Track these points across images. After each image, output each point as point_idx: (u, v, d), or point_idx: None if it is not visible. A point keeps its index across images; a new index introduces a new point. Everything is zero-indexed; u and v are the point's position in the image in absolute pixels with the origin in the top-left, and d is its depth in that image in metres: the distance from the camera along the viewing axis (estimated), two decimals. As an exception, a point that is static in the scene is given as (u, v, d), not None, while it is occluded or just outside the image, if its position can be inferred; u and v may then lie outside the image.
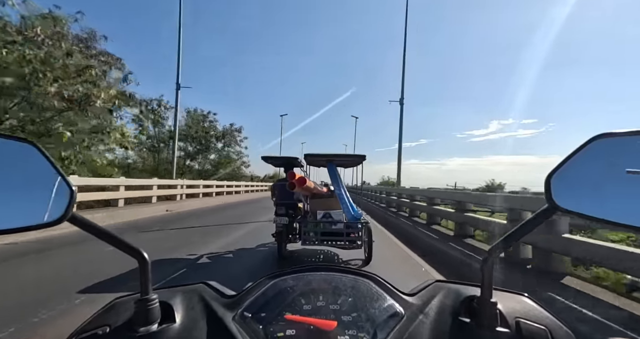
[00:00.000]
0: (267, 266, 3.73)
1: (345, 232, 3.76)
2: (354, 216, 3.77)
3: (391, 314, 0.47)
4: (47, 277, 3.11)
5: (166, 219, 7.64)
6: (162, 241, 5.07)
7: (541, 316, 0.45)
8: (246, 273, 3.29)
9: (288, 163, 4.33)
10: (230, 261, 3.92)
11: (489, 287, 0.43)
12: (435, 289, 0.52)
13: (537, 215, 0.40)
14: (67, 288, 2.66)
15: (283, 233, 3.75)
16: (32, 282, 2.93)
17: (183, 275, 3.12)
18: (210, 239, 5.07)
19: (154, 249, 4.21)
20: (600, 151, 0.36)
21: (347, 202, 3.80)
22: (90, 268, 3.40)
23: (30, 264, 3.61)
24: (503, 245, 0.43)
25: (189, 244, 4.56)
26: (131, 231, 5.71)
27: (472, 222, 4.73)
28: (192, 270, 3.39)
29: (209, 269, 3.52)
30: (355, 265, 3.81)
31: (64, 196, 0.36)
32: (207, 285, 0.53)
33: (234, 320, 0.45)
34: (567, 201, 0.37)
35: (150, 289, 0.43)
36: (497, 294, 0.45)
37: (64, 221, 0.35)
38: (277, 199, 4.08)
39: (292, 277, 0.54)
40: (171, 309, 0.45)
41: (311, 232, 3.78)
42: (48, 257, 3.88)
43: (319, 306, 0.48)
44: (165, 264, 3.48)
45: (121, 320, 0.43)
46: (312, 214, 4.05)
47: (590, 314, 2.06)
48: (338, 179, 4.00)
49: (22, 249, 4.14)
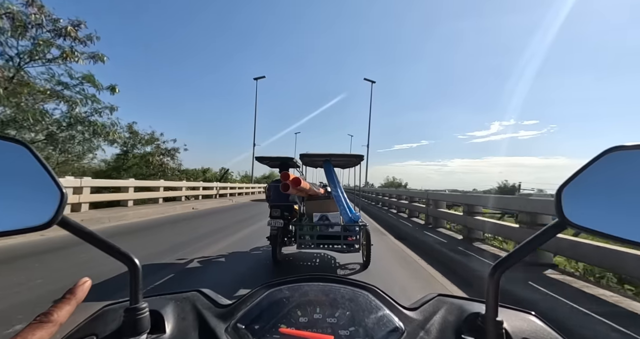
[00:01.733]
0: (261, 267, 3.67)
1: (342, 236, 3.61)
2: (352, 218, 3.61)
3: (391, 329, 0.45)
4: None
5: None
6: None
7: (550, 337, 0.43)
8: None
9: (284, 163, 4.16)
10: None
11: (495, 304, 0.41)
12: (437, 303, 0.50)
13: (547, 230, 0.38)
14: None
15: (278, 236, 3.61)
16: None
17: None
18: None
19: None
20: (614, 165, 0.35)
21: (345, 204, 3.66)
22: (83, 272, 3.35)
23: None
24: (511, 260, 0.41)
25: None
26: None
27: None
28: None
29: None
30: (352, 270, 3.66)
31: (54, 199, 0.34)
32: (200, 293, 0.51)
33: (227, 332, 0.43)
34: (579, 216, 0.36)
35: (141, 297, 0.42)
36: (503, 311, 0.43)
37: (54, 225, 0.34)
38: (272, 201, 3.93)
39: (288, 287, 0.52)
40: (161, 319, 0.44)
41: (307, 236, 3.64)
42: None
43: (315, 319, 0.46)
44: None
45: (109, 330, 0.41)
46: (308, 216, 3.87)
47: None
48: (335, 179, 3.85)
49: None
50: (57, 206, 0.34)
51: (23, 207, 0.34)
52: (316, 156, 3.90)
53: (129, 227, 6.54)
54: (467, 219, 5.00)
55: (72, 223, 0.37)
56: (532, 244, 0.39)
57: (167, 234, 5.90)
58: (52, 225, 0.34)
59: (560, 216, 0.36)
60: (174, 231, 6.22)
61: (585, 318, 2.15)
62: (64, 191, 0.35)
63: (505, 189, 37.48)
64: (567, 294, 2.61)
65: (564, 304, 2.40)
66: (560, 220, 0.36)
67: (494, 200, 5.29)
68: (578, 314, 2.22)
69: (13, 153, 0.34)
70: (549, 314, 2.28)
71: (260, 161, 4.23)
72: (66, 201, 0.35)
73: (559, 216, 0.37)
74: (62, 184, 0.35)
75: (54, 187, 0.35)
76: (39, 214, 0.34)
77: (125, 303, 0.43)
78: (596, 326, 2.02)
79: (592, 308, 2.30)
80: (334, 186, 3.79)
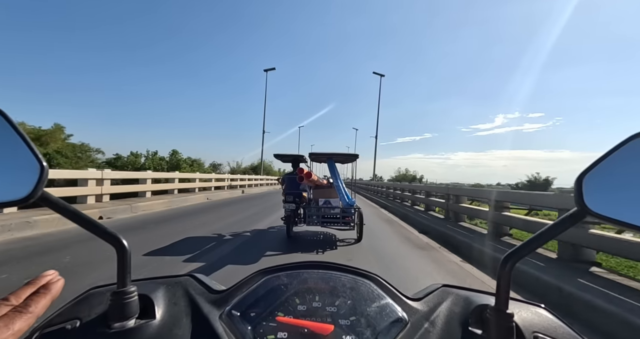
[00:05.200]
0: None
1: (341, 216, 4.41)
2: (349, 203, 4.40)
3: (394, 320, 0.41)
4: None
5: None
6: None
7: (562, 331, 0.40)
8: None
9: (295, 160, 5.04)
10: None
11: (506, 296, 0.37)
12: (442, 294, 0.46)
13: (565, 219, 0.35)
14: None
15: (291, 217, 4.38)
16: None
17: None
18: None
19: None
20: (639, 151, 0.33)
21: (343, 192, 4.45)
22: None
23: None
24: (524, 250, 0.37)
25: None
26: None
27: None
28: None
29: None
30: (348, 242, 4.26)
31: (33, 173, 0.31)
32: (193, 278, 0.47)
33: (221, 319, 0.40)
34: (600, 204, 0.34)
35: (129, 281, 0.38)
36: (512, 304, 0.39)
37: (33, 200, 0.31)
38: (286, 189, 4.73)
39: (286, 274, 0.48)
40: (151, 304, 0.40)
41: (314, 216, 4.43)
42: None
43: (314, 308, 0.42)
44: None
45: (94, 313, 0.38)
46: (315, 201, 4.75)
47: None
48: (336, 173, 4.64)
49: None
50: (36, 180, 0.30)
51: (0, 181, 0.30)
52: (321, 155, 4.72)
53: (167, 215, 6.82)
54: (496, 214, 4.67)
55: (54, 199, 0.33)
56: (548, 235, 0.36)
57: (213, 217, 6.67)
58: (30, 200, 0.30)
59: (581, 204, 0.34)
60: (216, 215, 6.96)
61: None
62: (44, 163, 0.31)
63: (537, 183, 35.60)
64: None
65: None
66: (580, 209, 0.34)
67: (526, 197, 5.08)
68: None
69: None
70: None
71: (277, 157, 4.99)
72: (47, 175, 0.31)
73: (578, 205, 0.34)
74: (42, 156, 0.32)
75: (32, 160, 0.31)
76: (17, 187, 0.30)
77: (112, 286, 0.40)
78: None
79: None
80: (335, 178, 4.61)
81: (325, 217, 4.47)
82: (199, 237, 4.37)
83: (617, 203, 0.33)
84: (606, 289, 2.43)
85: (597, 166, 0.34)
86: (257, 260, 3.29)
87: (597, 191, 0.34)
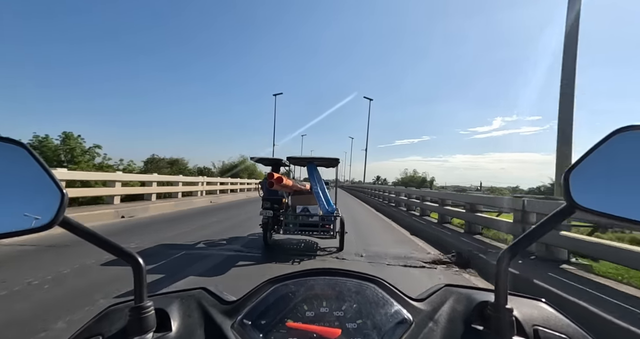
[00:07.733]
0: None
1: (320, 224, 4.21)
2: (329, 211, 4.22)
3: (398, 321, 0.42)
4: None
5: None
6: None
7: (561, 323, 0.41)
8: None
9: (276, 164, 4.89)
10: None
11: (504, 292, 0.38)
12: (445, 294, 0.47)
13: (555, 214, 0.36)
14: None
15: (268, 224, 4.23)
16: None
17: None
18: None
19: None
20: (623, 145, 0.34)
21: (323, 199, 4.24)
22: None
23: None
24: (520, 246, 0.38)
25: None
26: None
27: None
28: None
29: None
30: (330, 251, 4.16)
31: (55, 200, 0.34)
32: (205, 291, 0.48)
33: (233, 328, 0.41)
34: (588, 199, 0.34)
35: (145, 296, 0.40)
36: (512, 299, 0.40)
37: (55, 225, 0.33)
38: (264, 195, 4.55)
39: (294, 282, 0.48)
40: (167, 317, 0.42)
41: (290, 224, 4.26)
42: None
43: (322, 313, 0.43)
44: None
45: (114, 329, 0.40)
46: (293, 208, 4.52)
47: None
48: (316, 178, 4.41)
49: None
50: (57, 207, 0.34)
51: (24, 209, 0.33)
52: (300, 159, 4.63)
53: (179, 215, 7.66)
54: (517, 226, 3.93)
55: (74, 223, 0.36)
56: (541, 230, 0.37)
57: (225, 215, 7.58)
58: (53, 226, 0.33)
59: (569, 200, 0.35)
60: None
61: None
62: (64, 191, 0.34)
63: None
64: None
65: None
66: (569, 204, 0.35)
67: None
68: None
69: (11, 154, 0.34)
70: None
71: (256, 161, 4.94)
72: (67, 202, 0.34)
73: (567, 200, 0.35)
74: (62, 184, 0.34)
75: (54, 188, 0.34)
76: (41, 215, 0.33)
77: (130, 302, 0.42)
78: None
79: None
80: (314, 183, 4.37)
81: (303, 225, 4.27)
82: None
83: (604, 196, 0.34)
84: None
85: (583, 162, 0.35)
86: (224, 272, 3.19)
87: (584, 186, 0.35)
